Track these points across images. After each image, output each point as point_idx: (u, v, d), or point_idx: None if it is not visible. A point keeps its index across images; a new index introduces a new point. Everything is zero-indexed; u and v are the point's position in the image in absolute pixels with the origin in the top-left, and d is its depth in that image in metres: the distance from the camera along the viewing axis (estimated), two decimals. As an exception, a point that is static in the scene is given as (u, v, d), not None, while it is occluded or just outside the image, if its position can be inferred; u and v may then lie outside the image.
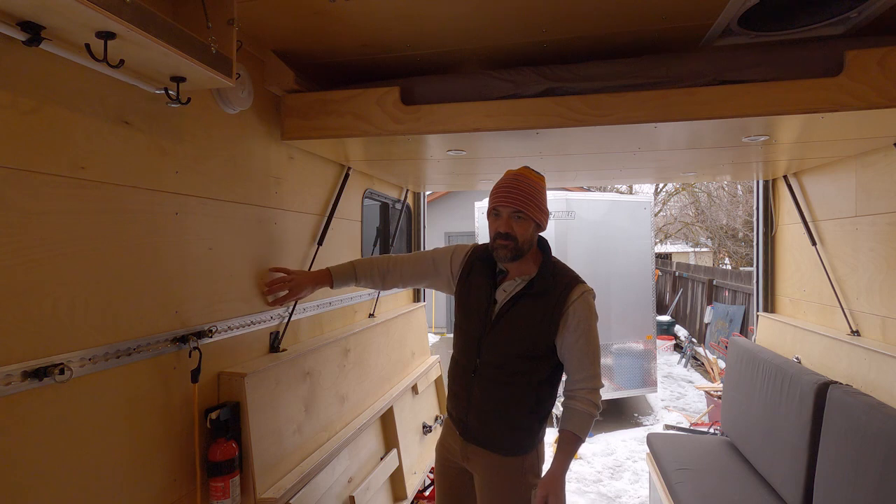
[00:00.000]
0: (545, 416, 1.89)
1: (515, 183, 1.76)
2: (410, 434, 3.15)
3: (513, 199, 1.73)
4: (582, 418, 1.78)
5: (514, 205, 1.73)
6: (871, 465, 1.83)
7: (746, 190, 15.42)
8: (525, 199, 1.74)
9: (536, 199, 1.76)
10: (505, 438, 1.83)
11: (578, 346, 1.77)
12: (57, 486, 1.17)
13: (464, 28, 1.81)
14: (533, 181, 1.78)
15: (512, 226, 1.74)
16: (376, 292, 3.14)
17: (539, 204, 1.77)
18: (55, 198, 1.18)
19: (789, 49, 1.78)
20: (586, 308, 1.78)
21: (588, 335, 1.78)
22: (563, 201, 6.02)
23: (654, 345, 6.44)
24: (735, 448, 3.04)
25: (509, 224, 1.74)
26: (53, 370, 1.14)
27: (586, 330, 1.77)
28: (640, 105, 1.83)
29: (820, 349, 2.60)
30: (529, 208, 1.74)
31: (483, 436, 1.85)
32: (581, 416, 1.78)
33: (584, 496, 4.41)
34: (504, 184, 1.78)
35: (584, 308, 1.77)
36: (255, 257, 1.95)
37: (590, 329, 1.78)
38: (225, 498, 1.61)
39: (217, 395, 1.73)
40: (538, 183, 1.79)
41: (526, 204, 1.73)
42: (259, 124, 1.99)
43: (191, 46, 1.24)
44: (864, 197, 2.36)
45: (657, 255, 18.53)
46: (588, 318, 1.78)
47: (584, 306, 1.77)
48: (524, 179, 1.77)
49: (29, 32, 1.06)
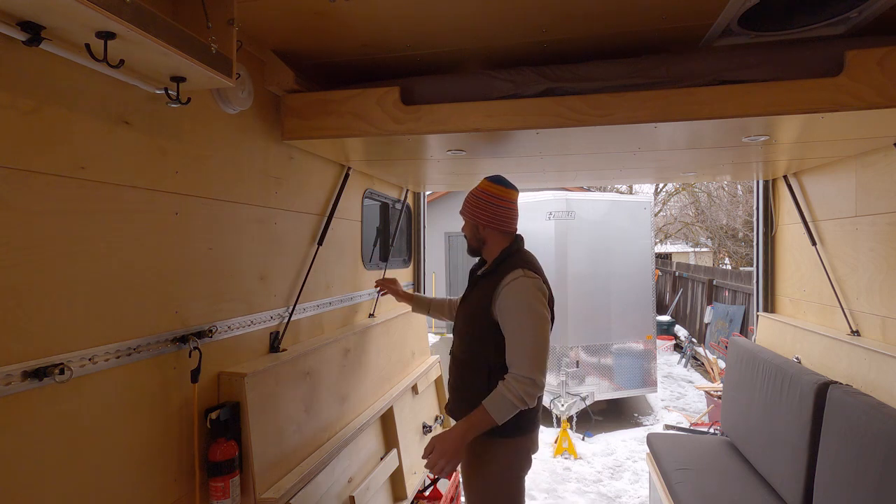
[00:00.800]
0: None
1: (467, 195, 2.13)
2: (410, 434, 3.15)
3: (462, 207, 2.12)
4: (501, 400, 1.79)
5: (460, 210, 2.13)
6: (871, 465, 1.83)
7: (746, 190, 15.42)
8: (464, 205, 2.10)
9: (470, 203, 2.08)
10: (464, 406, 1.95)
11: (510, 329, 1.86)
12: (57, 485, 1.17)
13: (464, 28, 1.81)
14: (473, 191, 2.10)
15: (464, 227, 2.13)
16: (376, 292, 3.15)
17: (470, 206, 2.07)
18: (55, 198, 1.18)
19: (789, 49, 1.78)
20: (518, 291, 1.86)
21: (519, 321, 1.84)
22: (563, 201, 6.02)
23: (654, 345, 6.45)
24: (735, 448, 3.04)
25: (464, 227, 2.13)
26: (53, 370, 1.14)
27: (516, 314, 1.85)
28: (640, 105, 1.83)
29: (820, 349, 2.60)
30: (464, 212, 2.10)
31: (454, 411, 2.05)
32: (501, 398, 1.79)
33: (584, 496, 4.41)
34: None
35: (517, 290, 1.87)
36: (256, 257, 1.95)
37: (521, 314, 1.85)
38: (225, 498, 1.61)
39: (217, 395, 1.73)
40: (476, 190, 2.09)
41: (463, 209, 2.10)
42: (259, 124, 1.99)
43: (191, 46, 1.24)
44: (864, 197, 2.36)
45: (657, 255, 18.53)
46: (519, 301, 1.86)
47: (515, 287, 1.87)
48: (471, 191, 2.11)
49: (29, 32, 1.06)
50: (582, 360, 5.99)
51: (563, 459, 5.16)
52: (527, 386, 1.78)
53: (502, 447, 1.95)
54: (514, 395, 1.78)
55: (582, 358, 6.00)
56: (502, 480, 1.96)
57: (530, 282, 1.88)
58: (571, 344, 5.95)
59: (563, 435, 5.29)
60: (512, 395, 1.78)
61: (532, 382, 1.78)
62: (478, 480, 1.99)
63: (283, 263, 2.14)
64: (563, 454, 5.24)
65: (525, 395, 1.78)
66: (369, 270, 3.08)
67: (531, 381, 1.78)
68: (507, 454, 1.96)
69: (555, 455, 5.22)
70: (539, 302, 1.87)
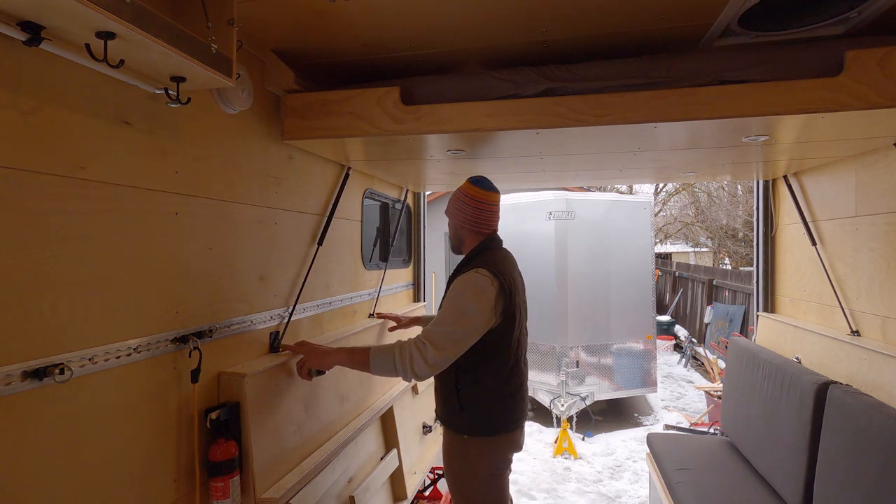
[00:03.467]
0: (469, 402, 2.00)
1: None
2: (410, 434, 3.15)
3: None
4: (385, 354, 1.84)
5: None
6: (870, 465, 1.83)
7: (746, 190, 15.43)
8: (448, 205, 2.23)
9: (451, 204, 2.20)
10: (440, 408, 2.14)
11: (442, 304, 1.96)
12: (57, 486, 1.17)
13: (464, 28, 1.81)
14: (456, 191, 2.21)
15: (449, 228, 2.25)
16: (376, 292, 3.15)
17: (451, 208, 2.19)
18: (55, 198, 1.18)
19: (789, 49, 1.78)
20: (461, 281, 1.94)
21: (451, 300, 1.92)
22: (563, 201, 6.02)
23: (654, 345, 6.45)
24: (735, 448, 3.04)
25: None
26: (53, 370, 1.14)
27: (449, 299, 1.94)
28: (640, 105, 1.83)
29: (820, 349, 2.60)
30: (447, 211, 2.24)
31: (437, 412, 2.20)
32: (386, 352, 1.85)
33: (584, 496, 4.41)
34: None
35: (463, 280, 1.93)
36: (255, 257, 1.95)
37: (451, 300, 1.92)
38: (225, 498, 1.61)
39: (217, 395, 1.73)
40: (457, 192, 2.19)
41: (447, 209, 2.24)
42: (259, 124, 1.99)
43: (191, 46, 1.24)
44: (864, 197, 2.36)
45: (657, 255, 18.53)
46: (455, 289, 1.93)
47: (460, 280, 1.95)
48: (454, 192, 2.22)
49: (29, 32, 1.06)
50: (582, 360, 6.00)
51: (563, 459, 5.16)
52: (422, 351, 1.80)
53: (478, 447, 2.02)
54: (402, 355, 1.82)
55: (582, 358, 6.00)
56: (477, 479, 2.03)
57: (478, 277, 1.91)
58: (571, 344, 5.95)
59: (563, 435, 5.30)
60: (399, 354, 1.82)
61: (425, 346, 1.81)
62: (456, 479, 2.09)
63: (283, 263, 2.14)
64: (563, 454, 5.24)
65: (410, 360, 1.80)
66: (369, 270, 3.08)
67: (424, 346, 1.81)
68: (483, 454, 2.02)
69: (555, 455, 5.22)
70: (474, 296, 1.88)
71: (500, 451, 2.04)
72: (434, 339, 1.83)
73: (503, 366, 2.01)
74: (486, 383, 2.00)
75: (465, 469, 2.05)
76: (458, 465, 2.07)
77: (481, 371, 1.99)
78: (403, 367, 1.81)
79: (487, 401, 2.00)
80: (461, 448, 2.04)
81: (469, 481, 2.05)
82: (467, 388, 2.00)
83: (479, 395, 1.99)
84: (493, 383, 2.00)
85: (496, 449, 2.03)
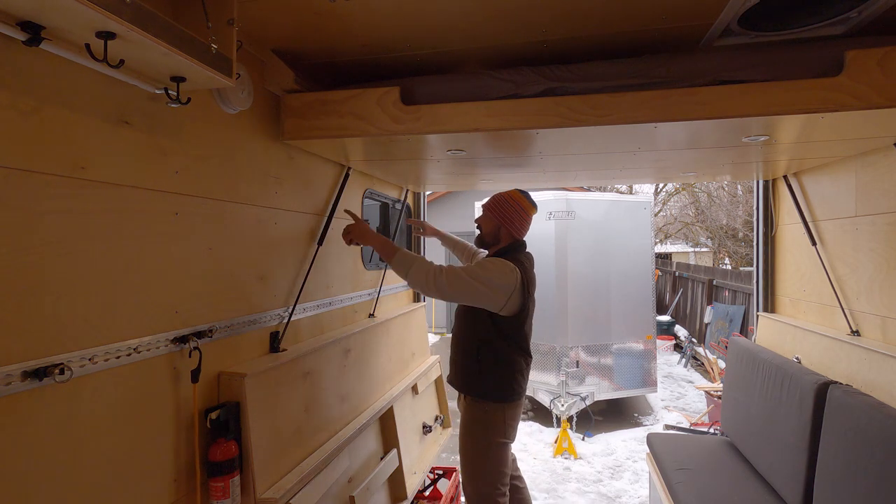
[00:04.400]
0: (488, 371, 2.38)
1: (496, 196, 2.52)
2: (410, 434, 3.15)
3: (489, 201, 2.53)
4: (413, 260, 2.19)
5: (484, 206, 2.51)
6: (871, 465, 1.83)
7: (746, 190, 15.43)
8: (492, 203, 2.49)
9: (500, 204, 2.47)
10: (462, 377, 2.47)
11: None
12: (57, 485, 1.17)
13: (464, 28, 1.81)
14: (505, 195, 2.49)
15: (480, 220, 2.54)
16: (376, 292, 3.15)
17: (499, 207, 2.46)
18: (55, 198, 1.18)
19: (789, 49, 1.78)
20: (496, 261, 2.30)
21: (482, 266, 2.26)
22: (563, 201, 6.02)
23: (654, 345, 6.45)
24: (735, 448, 3.04)
25: (480, 220, 2.54)
26: (53, 370, 1.14)
27: (483, 264, 2.28)
28: (640, 105, 1.83)
29: (820, 349, 2.60)
30: (491, 209, 2.48)
31: (453, 381, 2.53)
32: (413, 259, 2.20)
33: (584, 496, 4.41)
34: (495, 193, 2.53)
35: (495, 260, 2.31)
36: (256, 257, 1.95)
37: (486, 267, 2.26)
38: (225, 498, 1.61)
39: (217, 395, 1.73)
40: (508, 196, 2.49)
41: (491, 207, 2.48)
42: (259, 124, 1.99)
43: (191, 46, 1.24)
44: (864, 197, 2.36)
45: (657, 255, 18.53)
46: (491, 262, 2.28)
47: (496, 260, 2.31)
48: (502, 195, 2.50)
49: (29, 32, 1.06)
50: (582, 360, 6.00)
51: (563, 459, 5.16)
52: (438, 273, 2.16)
53: (495, 412, 2.36)
54: (422, 265, 2.17)
55: (582, 358, 6.00)
56: (492, 446, 2.37)
57: (508, 265, 2.27)
58: (571, 344, 5.95)
59: (563, 435, 5.30)
60: (420, 263, 2.17)
61: (442, 274, 2.16)
62: (473, 444, 2.39)
63: (283, 263, 2.14)
64: (563, 454, 5.24)
65: (426, 273, 2.15)
66: (369, 270, 3.08)
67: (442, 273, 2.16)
68: (499, 419, 2.37)
69: (555, 455, 5.22)
70: (500, 274, 2.24)
71: (512, 417, 2.41)
72: (453, 276, 2.18)
73: (516, 345, 2.40)
74: (503, 357, 2.38)
75: (483, 434, 2.36)
76: (479, 431, 2.37)
77: (500, 346, 2.36)
78: (417, 273, 2.15)
79: (503, 371, 2.38)
80: (481, 415, 2.37)
81: (486, 447, 2.36)
82: (488, 359, 2.37)
83: (496, 365, 2.37)
84: (508, 358, 2.38)
85: (510, 415, 2.40)
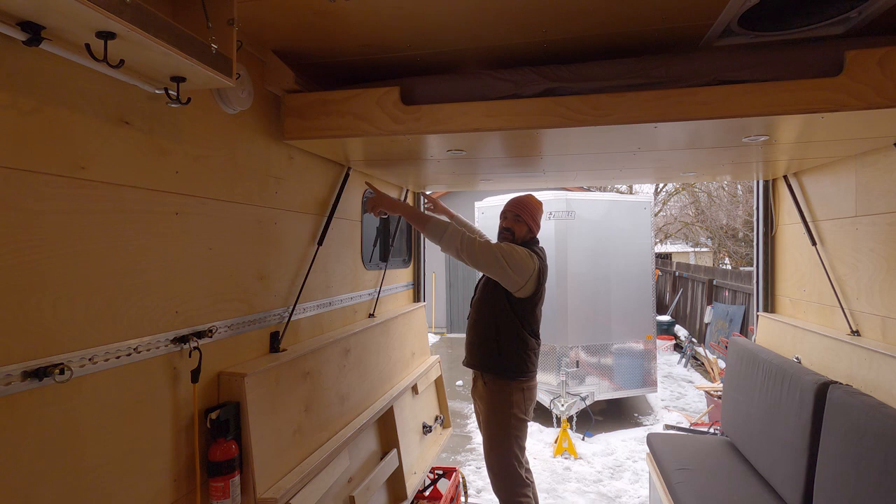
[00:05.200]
0: (506, 350, 2.59)
1: (521, 201, 2.73)
2: (410, 434, 3.15)
3: (513, 207, 2.73)
4: (445, 223, 2.44)
5: (514, 211, 2.71)
6: (871, 465, 1.83)
7: (746, 190, 15.43)
8: (526, 210, 2.70)
9: (531, 212, 2.71)
10: (481, 357, 2.66)
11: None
12: (57, 485, 1.17)
13: (464, 28, 1.81)
14: (533, 205, 2.72)
15: (511, 223, 2.71)
16: (376, 292, 3.15)
17: (532, 215, 2.71)
18: (55, 198, 1.18)
19: (789, 49, 1.78)
20: (519, 248, 2.55)
21: (509, 245, 2.53)
22: (563, 201, 6.02)
23: (654, 345, 6.45)
24: (735, 448, 3.04)
25: (510, 223, 2.71)
26: (53, 370, 1.14)
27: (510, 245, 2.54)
28: (640, 105, 1.83)
29: (820, 349, 2.60)
30: (526, 215, 2.70)
31: (470, 363, 2.73)
32: (446, 223, 2.44)
33: (584, 496, 4.41)
34: (516, 200, 2.76)
35: (518, 247, 2.56)
36: (255, 257, 1.95)
37: (512, 248, 2.51)
38: (225, 498, 1.61)
39: (217, 395, 1.73)
40: (536, 206, 2.73)
41: (526, 213, 2.69)
42: (259, 124, 1.99)
43: (191, 46, 1.24)
44: (864, 197, 2.36)
45: (657, 255, 18.53)
46: (516, 248, 2.53)
47: (519, 247, 2.55)
48: (527, 199, 2.73)
49: (29, 32, 1.06)
50: (582, 360, 6.00)
51: (563, 459, 5.16)
52: (470, 241, 2.41)
53: (515, 389, 2.57)
54: (456, 231, 2.41)
55: (582, 358, 6.00)
56: (515, 419, 2.56)
57: (524, 248, 2.55)
58: (571, 344, 5.95)
59: (563, 435, 5.29)
60: (453, 229, 2.41)
61: (473, 243, 2.40)
62: (498, 419, 2.57)
63: (283, 263, 2.14)
64: (563, 454, 5.24)
65: (461, 239, 2.40)
66: (369, 270, 3.08)
67: (473, 242, 2.40)
68: (519, 397, 2.57)
69: (555, 455, 5.22)
70: (525, 257, 2.50)
71: (531, 392, 2.64)
72: (485, 247, 2.43)
73: (529, 327, 2.63)
74: (518, 336, 2.60)
75: (504, 408, 2.55)
76: (500, 405, 2.56)
77: (515, 326, 2.58)
78: (452, 237, 2.39)
79: (520, 350, 2.60)
80: (504, 392, 2.56)
81: (508, 420, 2.55)
82: (508, 340, 2.58)
83: (512, 344, 2.59)
84: (522, 337, 2.61)
85: (528, 390, 2.62)
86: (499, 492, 2.61)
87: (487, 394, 2.63)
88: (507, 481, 2.59)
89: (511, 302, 2.57)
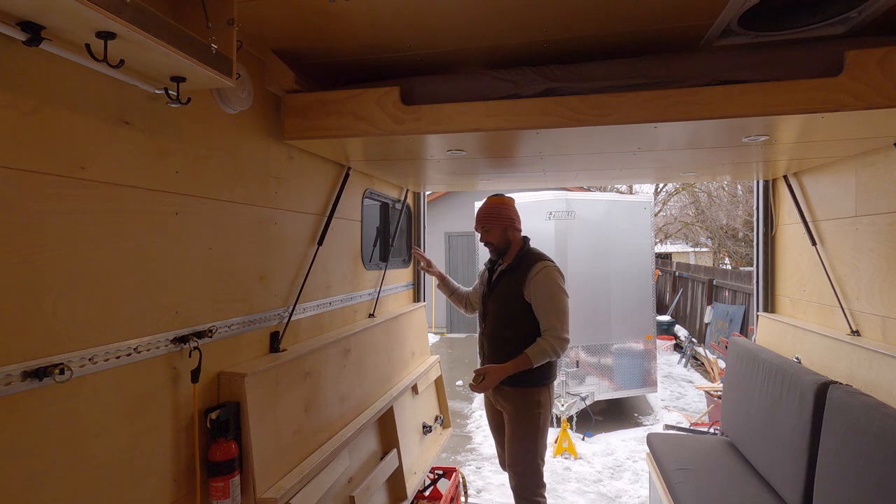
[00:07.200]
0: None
1: (481, 210, 2.71)
2: (410, 434, 3.15)
3: (477, 221, 2.71)
4: (541, 351, 2.48)
5: (480, 223, 2.70)
6: (871, 465, 1.83)
7: (746, 190, 15.42)
8: (489, 217, 2.65)
9: (497, 212, 2.65)
10: (503, 356, 2.57)
11: (542, 304, 2.53)
12: (57, 485, 1.17)
13: (464, 28, 1.81)
14: (491, 205, 2.68)
15: (486, 236, 2.69)
16: (376, 292, 3.15)
17: (499, 215, 2.64)
18: (55, 198, 1.18)
19: (789, 49, 1.78)
20: (546, 277, 2.53)
21: (550, 297, 2.52)
22: (563, 201, 6.02)
23: (654, 345, 6.45)
24: (735, 448, 3.04)
25: (485, 236, 2.69)
26: (53, 370, 1.14)
27: (547, 294, 2.52)
28: (640, 105, 1.83)
29: (820, 349, 2.60)
30: (491, 221, 2.65)
31: (494, 357, 2.64)
32: (541, 349, 2.48)
33: (584, 496, 4.41)
34: (477, 213, 2.73)
35: (544, 277, 2.53)
36: (255, 257, 1.95)
37: (551, 293, 2.52)
38: (225, 498, 1.61)
39: (217, 395, 1.73)
40: (496, 202, 2.69)
41: (490, 219, 2.65)
42: (259, 124, 1.99)
43: (191, 46, 1.24)
44: (864, 197, 2.36)
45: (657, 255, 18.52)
46: (548, 284, 2.52)
47: (543, 276, 2.53)
48: (485, 205, 2.71)
49: (29, 32, 1.06)
50: (582, 360, 5.99)
51: (563, 459, 5.16)
52: (562, 342, 2.48)
53: (543, 395, 2.61)
54: (551, 347, 2.47)
55: (582, 358, 6.00)
56: (543, 425, 2.62)
57: (553, 269, 2.55)
58: (571, 344, 5.89)
59: (563, 435, 5.29)
60: (550, 347, 2.47)
61: (565, 340, 2.49)
62: (530, 426, 2.59)
63: (283, 263, 2.14)
64: (563, 454, 5.24)
65: (559, 348, 2.48)
66: (369, 270, 3.08)
67: (565, 340, 2.49)
68: (547, 401, 2.63)
69: (555, 455, 5.22)
70: (562, 282, 2.56)
71: (552, 392, 2.69)
72: (560, 330, 2.50)
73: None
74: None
75: (534, 409, 2.58)
76: (530, 408, 2.58)
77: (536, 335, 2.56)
78: (555, 353, 2.48)
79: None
80: (532, 392, 2.59)
81: (538, 420, 2.59)
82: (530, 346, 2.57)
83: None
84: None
85: (551, 389, 2.67)
86: (522, 491, 2.60)
87: (515, 395, 2.60)
88: (532, 481, 2.59)
89: (531, 312, 2.59)
